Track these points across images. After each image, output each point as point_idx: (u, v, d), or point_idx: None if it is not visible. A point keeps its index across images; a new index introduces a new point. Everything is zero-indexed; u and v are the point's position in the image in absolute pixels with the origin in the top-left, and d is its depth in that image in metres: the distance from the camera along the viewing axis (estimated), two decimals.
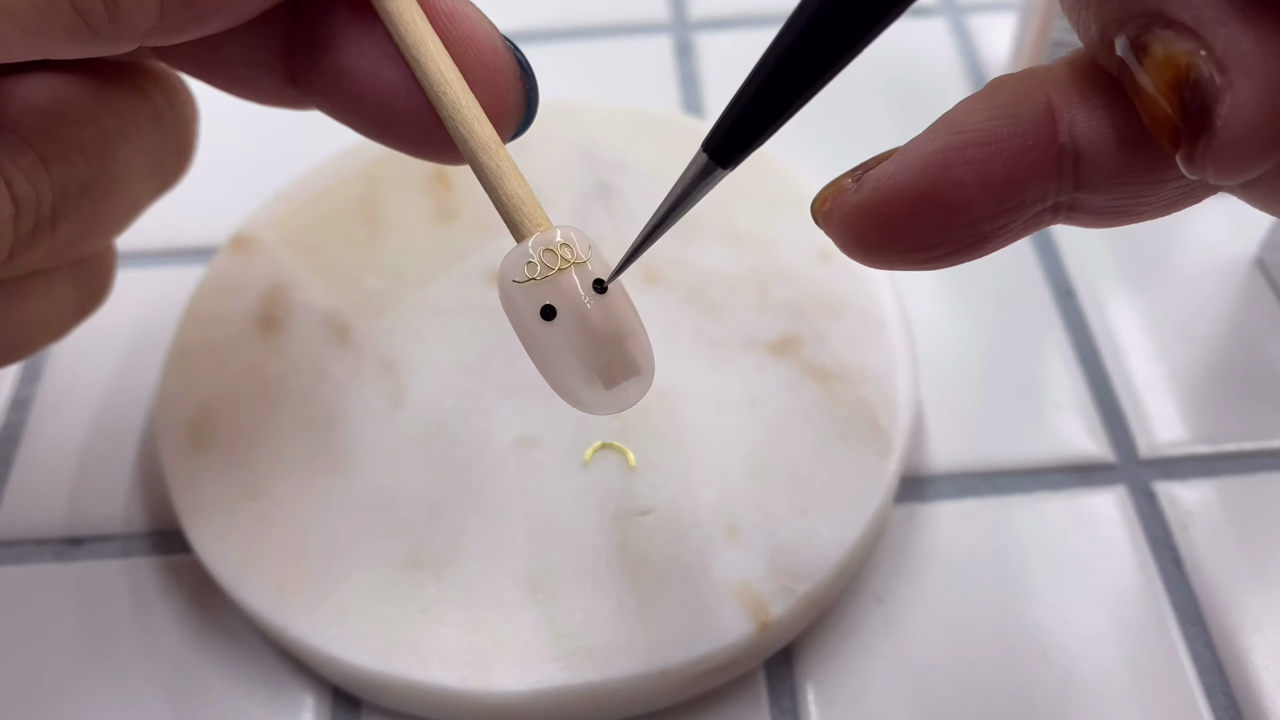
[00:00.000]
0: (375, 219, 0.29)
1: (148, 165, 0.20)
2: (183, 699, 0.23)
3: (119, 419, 0.27)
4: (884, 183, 0.15)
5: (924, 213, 0.15)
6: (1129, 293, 0.29)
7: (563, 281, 0.16)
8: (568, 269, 0.17)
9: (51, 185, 0.18)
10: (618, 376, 0.17)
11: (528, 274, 0.17)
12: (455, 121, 0.17)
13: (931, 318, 0.29)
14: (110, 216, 0.20)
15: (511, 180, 0.17)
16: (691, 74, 0.36)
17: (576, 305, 0.16)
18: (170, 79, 0.21)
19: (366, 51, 0.17)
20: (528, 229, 0.17)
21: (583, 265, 0.17)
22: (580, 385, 0.17)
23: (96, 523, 0.26)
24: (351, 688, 0.23)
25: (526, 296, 0.17)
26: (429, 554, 0.23)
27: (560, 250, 0.17)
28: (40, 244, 0.18)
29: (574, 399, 0.17)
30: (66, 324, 0.21)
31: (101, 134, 0.19)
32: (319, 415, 0.25)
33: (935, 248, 0.15)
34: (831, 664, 0.23)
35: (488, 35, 0.18)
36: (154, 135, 0.20)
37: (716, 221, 0.29)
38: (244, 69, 0.19)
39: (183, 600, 0.24)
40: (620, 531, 0.23)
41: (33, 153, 0.18)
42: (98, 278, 0.22)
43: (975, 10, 0.38)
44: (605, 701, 0.22)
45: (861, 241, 0.16)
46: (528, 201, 0.17)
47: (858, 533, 0.23)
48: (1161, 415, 0.27)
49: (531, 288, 0.17)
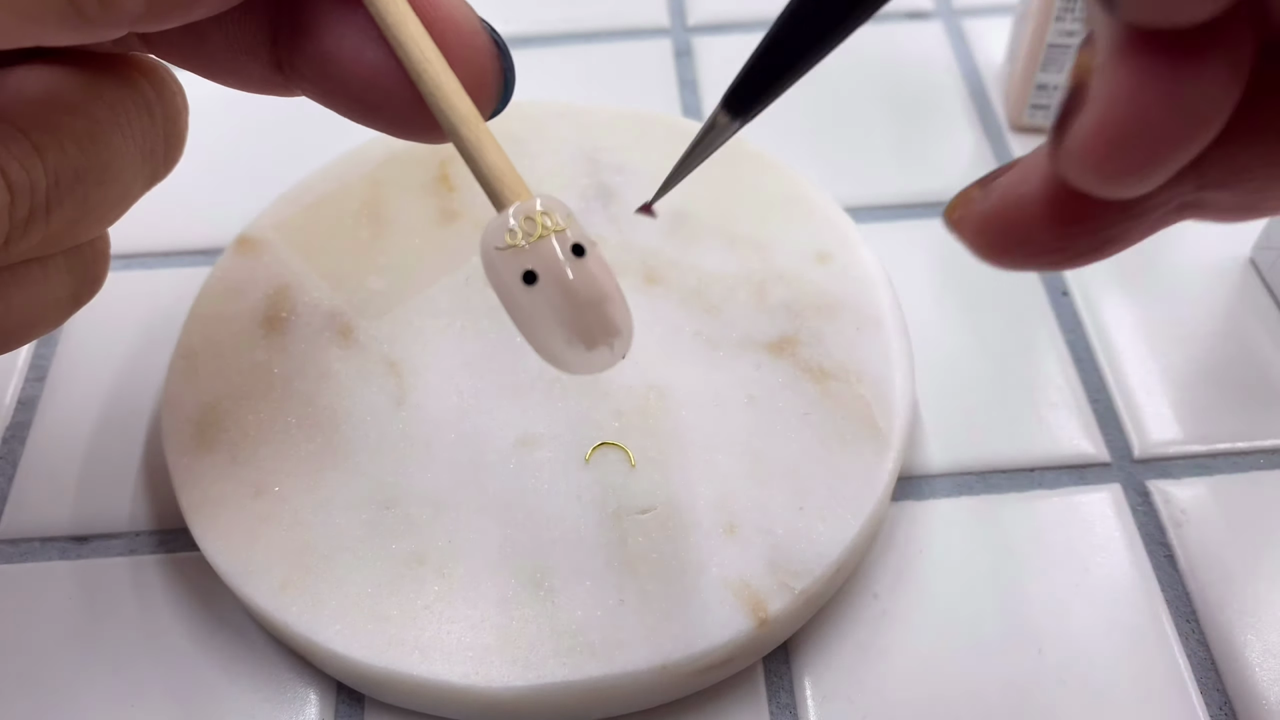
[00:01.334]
0: (379, 220, 0.29)
1: (139, 154, 0.20)
2: (187, 696, 0.23)
3: (125, 418, 0.28)
4: (1010, 192, 0.16)
5: (1050, 220, 0.15)
6: (1123, 293, 0.30)
7: (543, 248, 0.17)
8: (548, 236, 0.17)
9: (46, 172, 0.18)
10: (598, 338, 0.17)
11: (509, 241, 0.17)
12: (436, 98, 0.17)
13: (928, 318, 0.29)
14: (103, 204, 0.20)
15: (491, 152, 0.17)
16: (691, 77, 0.36)
17: (557, 270, 0.17)
18: (159, 70, 0.21)
19: (349, 34, 0.18)
20: (508, 198, 0.17)
21: (562, 232, 0.17)
22: (562, 347, 0.17)
23: (102, 520, 0.26)
24: (355, 684, 0.23)
25: (508, 262, 0.17)
26: (431, 551, 0.23)
27: (540, 218, 0.17)
28: (35, 230, 0.18)
29: (556, 360, 0.18)
30: (63, 312, 0.22)
31: (93, 123, 0.19)
32: (323, 414, 0.25)
33: (1061, 251, 0.16)
34: (829, 660, 0.24)
35: (466, 17, 0.18)
36: (145, 125, 0.20)
37: (716, 223, 0.29)
38: (230, 56, 0.19)
39: (188, 597, 0.25)
40: (620, 529, 0.23)
41: (26, 141, 0.18)
42: (92, 266, 0.22)
43: (971, 14, 0.38)
44: (605, 697, 0.22)
45: (991, 248, 0.16)
46: (508, 172, 0.17)
47: (855, 530, 0.23)
48: (1156, 414, 0.27)
49: (513, 254, 0.17)
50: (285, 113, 0.35)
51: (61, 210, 0.19)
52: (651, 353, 0.26)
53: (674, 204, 0.29)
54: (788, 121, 0.34)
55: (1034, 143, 0.33)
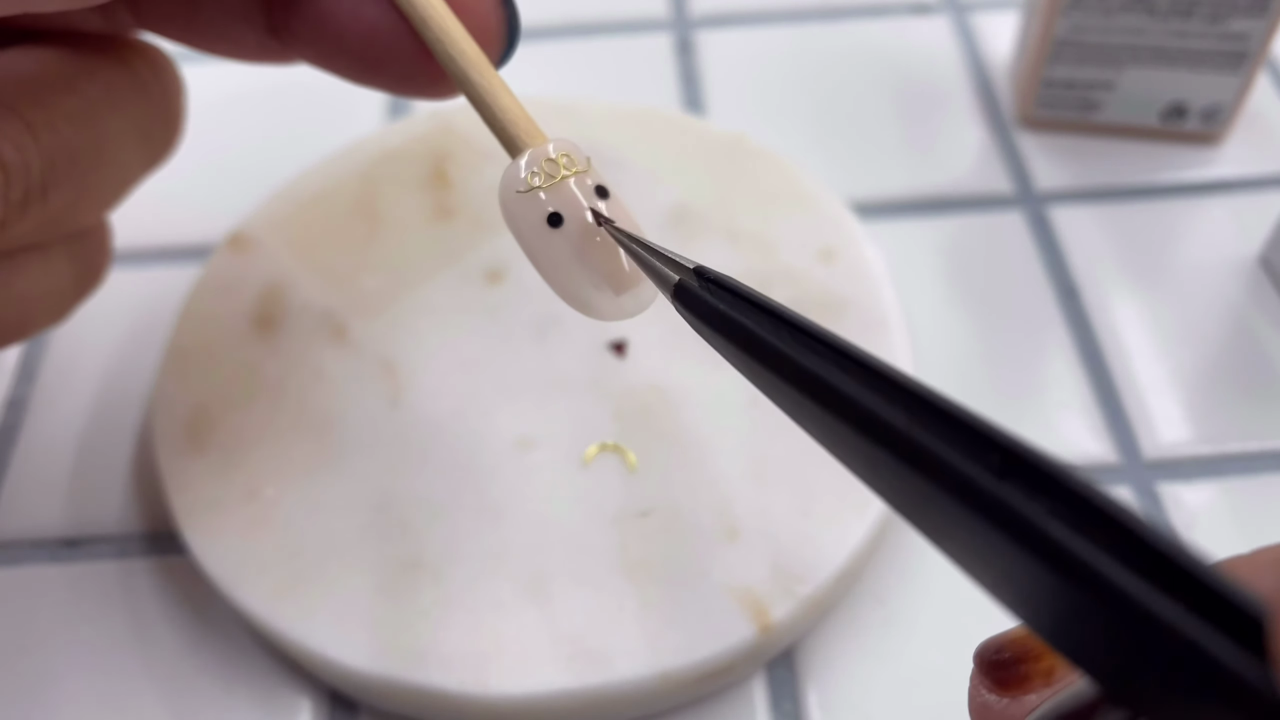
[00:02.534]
0: (373, 218, 0.29)
1: (136, 135, 0.20)
2: (178, 702, 0.23)
3: (115, 419, 0.27)
4: None
5: None
6: (1133, 293, 0.29)
7: (565, 189, 0.16)
8: (570, 177, 0.16)
9: (40, 153, 0.18)
10: (627, 282, 0.17)
11: (530, 183, 0.16)
12: (444, 44, 0.17)
13: (933, 317, 0.29)
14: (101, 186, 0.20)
15: (505, 96, 0.17)
16: (691, 71, 0.36)
17: (583, 211, 0.16)
18: (153, 51, 0.21)
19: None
20: (524, 143, 0.17)
21: (585, 173, 0.17)
22: (590, 291, 0.17)
23: (92, 524, 0.25)
24: (349, 691, 0.23)
25: (530, 206, 0.16)
26: (427, 556, 0.23)
27: (561, 159, 0.17)
28: (32, 212, 0.18)
29: (585, 306, 0.17)
30: (65, 303, 0.22)
31: (88, 103, 0.19)
32: (316, 415, 0.25)
33: None
34: (833, 666, 0.23)
35: None
36: (141, 105, 0.20)
37: (718, 219, 0.28)
38: (223, 23, 0.19)
39: (179, 602, 0.24)
40: (620, 533, 0.23)
41: (19, 121, 0.18)
42: (94, 255, 0.22)
43: (978, 8, 0.37)
44: (605, 705, 0.22)
45: None
46: (522, 117, 0.17)
47: (859, 534, 0.23)
48: (1165, 416, 0.27)
49: (534, 196, 0.16)
50: (278, 108, 0.34)
51: (58, 192, 0.19)
52: (652, 353, 0.26)
53: (676, 200, 0.29)
54: (791, 117, 0.34)
55: (1042, 137, 0.33)
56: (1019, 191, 0.32)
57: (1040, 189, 0.32)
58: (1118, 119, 0.32)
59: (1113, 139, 0.33)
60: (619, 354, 0.26)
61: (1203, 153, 0.32)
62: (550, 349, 0.26)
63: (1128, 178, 0.32)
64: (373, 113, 0.34)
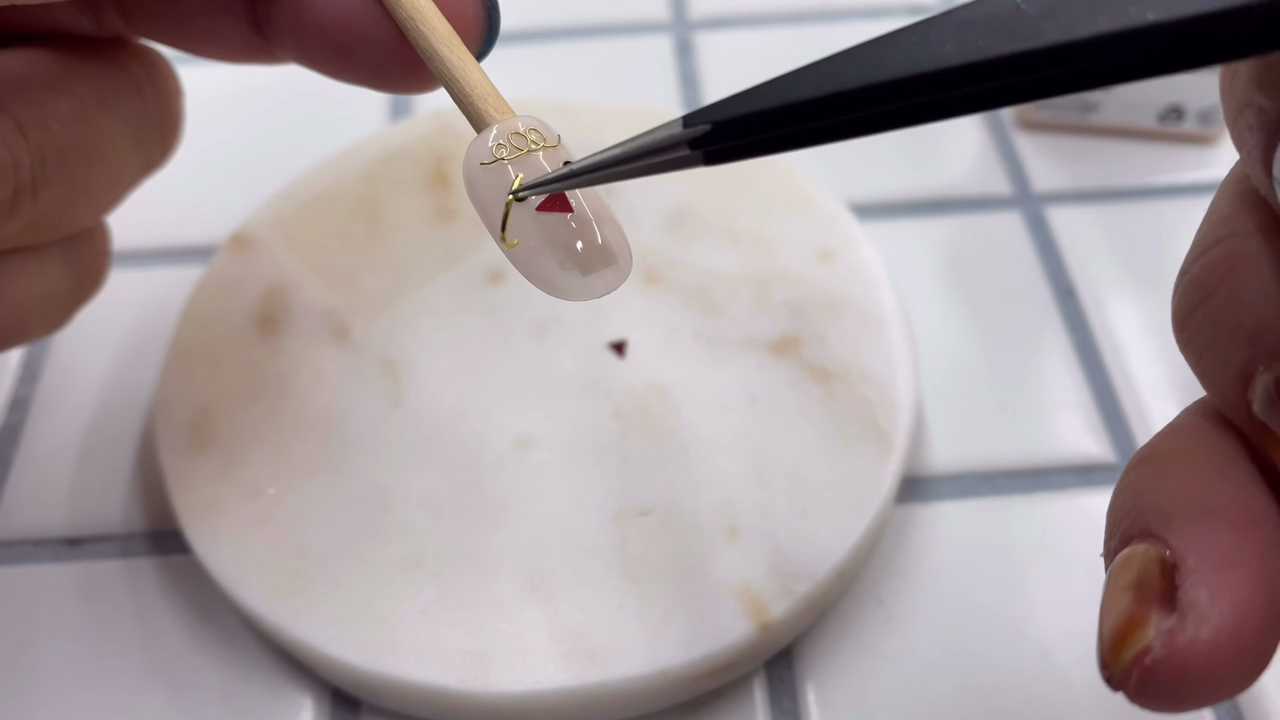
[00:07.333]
0: (375, 219, 0.29)
1: (130, 137, 0.20)
2: (180, 700, 0.23)
3: (118, 419, 0.27)
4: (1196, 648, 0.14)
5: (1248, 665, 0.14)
6: (1130, 292, 0.29)
7: (533, 162, 0.16)
8: (536, 152, 0.16)
9: (30, 150, 0.18)
10: (594, 262, 0.16)
11: (496, 155, 0.16)
12: (415, 20, 0.17)
13: (932, 317, 0.29)
14: (93, 187, 0.20)
15: (474, 72, 0.17)
16: (692, 73, 0.36)
17: None
18: (150, 54, 0.21)
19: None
20: (492, 116, 0.16)
21: (552, 149, 0.16)
22: (556, 271, 0.16)
23: (95, 523, 0.26)
24: (350, 688, 0.23)
25: (494, 179, 0.16)
26: (428, 554, 0.23)
27: (529, 134, 0.16)
28: (22, 211, 0.18)
29: (551, 287, 0.16)
30: (63, 309, 0.22)
31: (78, 101, 0.19)
32: (318, 415, 0.25)
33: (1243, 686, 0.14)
34: (832, 665, 0.23)
35: None
36: (134, 106, 0.20)
37: (717, 221, 0.28)
38: (208, 21, 0.19)
39: (182, 601, 0.24)
40: (620, 532, 0.23)
41: (8, 118, 0.18)
42: (92, 259, 0.22)
43: None
44: (605, 702, 0.22)
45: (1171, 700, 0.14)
46: (492, 93, 0.17)
47: (859, 533, 0.23)
48: (1163, 415, 0.27)
49: (500, 168, 0.16)
50: (281, 109, 0.34)
51: (49, 191, 0.19)
52: (652, 352, 0.26)
53: (675, 201, 0.29)
54: None
55: (1040, 138, 0.33)
56: (1017, 192, 0.32)
57: (1038, 190, 0.32)
58: (1115, 120, 0.32)
59: (1110, 140, 0.33)
60: (619, 354, 0.26)
61: (1200, 154, 0.32)
62: (551, 349, 0.26)
63: (1125, 179, 0.32)
64: (374, 114, 0.34)
